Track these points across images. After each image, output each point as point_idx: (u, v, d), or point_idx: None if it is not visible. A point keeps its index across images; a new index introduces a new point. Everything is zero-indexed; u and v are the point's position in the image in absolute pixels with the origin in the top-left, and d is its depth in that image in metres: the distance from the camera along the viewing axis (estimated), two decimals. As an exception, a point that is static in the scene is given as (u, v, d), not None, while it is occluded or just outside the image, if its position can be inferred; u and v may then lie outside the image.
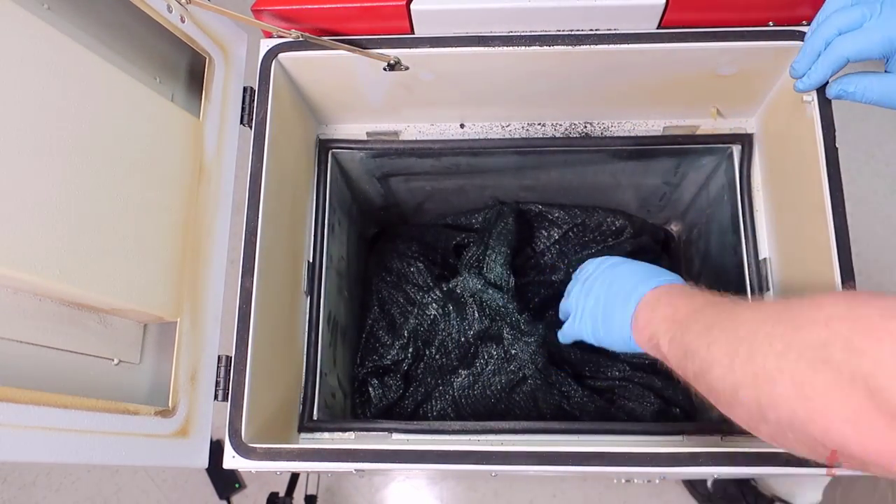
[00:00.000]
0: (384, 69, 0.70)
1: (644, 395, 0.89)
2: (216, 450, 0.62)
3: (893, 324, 0.36)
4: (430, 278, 0.98)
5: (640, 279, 0.61)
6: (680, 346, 0.50)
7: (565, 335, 0.70)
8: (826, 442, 0.39)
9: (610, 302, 0.62)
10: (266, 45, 0.69)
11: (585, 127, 0.80)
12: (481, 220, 1.00)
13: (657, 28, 0.67)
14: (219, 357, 0.67)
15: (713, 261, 0.88)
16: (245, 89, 0.74)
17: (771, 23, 0.66)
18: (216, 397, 0.66)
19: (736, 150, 0.78)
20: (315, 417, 0.75)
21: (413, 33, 0.69)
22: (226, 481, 1.34)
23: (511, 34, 0.67)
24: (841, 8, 0.55)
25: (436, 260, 1.02)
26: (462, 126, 0.81)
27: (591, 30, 0.67)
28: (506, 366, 0.90)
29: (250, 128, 0.69)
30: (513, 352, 0.89)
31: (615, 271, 0.65)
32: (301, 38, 0.65)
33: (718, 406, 0.47)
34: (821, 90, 0.62)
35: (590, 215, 0.99)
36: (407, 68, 0.70)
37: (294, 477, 1.20)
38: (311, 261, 0.78)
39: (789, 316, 0.41)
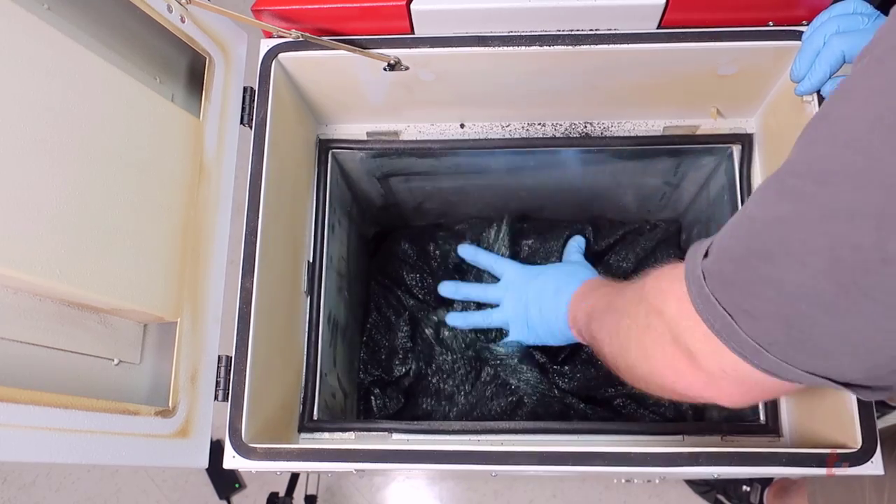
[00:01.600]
0: (384, 69, 0.70)
1: (649, 405, 0.89)
2: (216, 450, 0.62)
3: (667, 283, 0.45)
4: (428, 292, 0.98)
5: (564, 281, 0.75)
6: (589, 333, 0.63)
7: (508, 344, 0.84)
8: (665, 387, 0.48)
9: (545, 306, 0.75)
10: (266, 45, 0.69)
11: (585, 127, 0.80)
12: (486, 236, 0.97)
13: (657, 28, 0.67)
14: (219, 357, 0.67)
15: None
16: (245, 89, 0.74)
17: (771, 23, 0.66)
18: (216, 397, 0.66)
19: (736, 150, 0.78)
20: (315, 417, 0.75)
21: (413, 33, 0.69)
22: (226, 481, 1.34)
23: (511, 34, 0.67)
24: (842, 14, 0.58)
25: (435, 270, 1.01)
26: (462, 126, 0.81)
27: (591, 30, 0.67)
28: (503, 390, 0.90)
29: (250, 128, 0.69)
30: (510, 381, 0.89)
31: (540, 279, 0.79)
32: (301, 38, 0.65)
33: (618, 375, 0.56)
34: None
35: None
36: (407, 68, 0.70)
37: (294, 477, 1.20)
38: (311, 261, 0.78)
39: (637, 297, 0.50)
